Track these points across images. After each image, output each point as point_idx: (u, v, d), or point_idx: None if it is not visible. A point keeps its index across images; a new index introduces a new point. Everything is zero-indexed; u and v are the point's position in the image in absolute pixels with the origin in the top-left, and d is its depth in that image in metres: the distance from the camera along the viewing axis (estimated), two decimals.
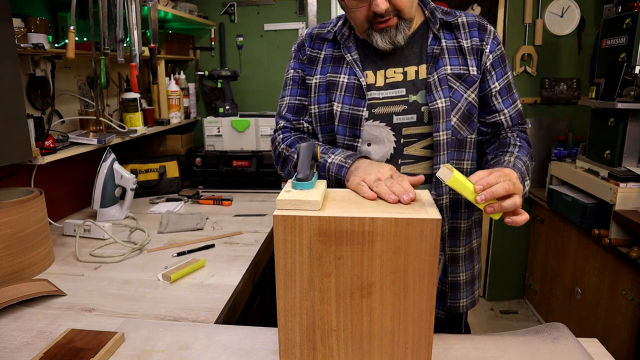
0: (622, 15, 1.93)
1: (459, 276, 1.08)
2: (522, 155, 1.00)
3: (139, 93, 1.92)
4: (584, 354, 0.83)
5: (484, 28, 1.05)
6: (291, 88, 1.14)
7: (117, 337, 0.88)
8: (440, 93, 0.99)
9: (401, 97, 1.02)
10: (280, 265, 0.69)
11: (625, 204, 1.85)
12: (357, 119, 1.03)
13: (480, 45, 1.03)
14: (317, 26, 1.14)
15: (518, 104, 1.10)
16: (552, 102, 2.64)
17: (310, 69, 1.10)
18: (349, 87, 1.04)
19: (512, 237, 2.81)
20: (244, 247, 1.50)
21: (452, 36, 1.04)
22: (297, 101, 1.13)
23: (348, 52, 1.05)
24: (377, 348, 0.71)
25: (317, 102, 1.09)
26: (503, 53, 1.06)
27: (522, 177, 0.90)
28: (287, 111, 1.14)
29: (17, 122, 1.27)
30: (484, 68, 1.04)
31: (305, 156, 0.82)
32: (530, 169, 1.02)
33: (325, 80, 1.07)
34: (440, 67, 1.01)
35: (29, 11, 1.59)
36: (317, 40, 1.11)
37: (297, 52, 1.14)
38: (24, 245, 1.25)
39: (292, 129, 1.14)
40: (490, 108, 1.07)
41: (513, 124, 1.09)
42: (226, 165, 2.36)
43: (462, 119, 1.02)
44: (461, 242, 1.08)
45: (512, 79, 1.08)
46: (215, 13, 2.67)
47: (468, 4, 2.57)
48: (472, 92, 1.03)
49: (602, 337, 1.95)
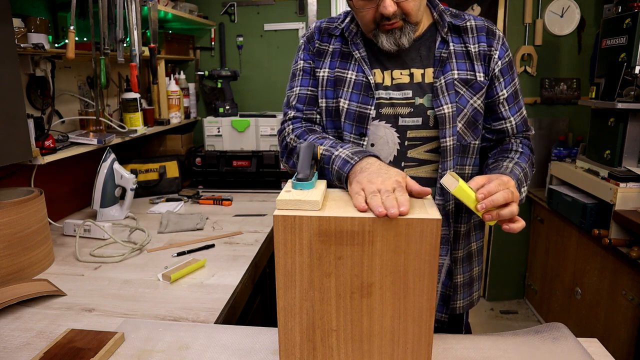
0: (622, 15, 1.93)
1: (456, 278, 1.08)
2: (522, 161, 1.00)
3: (139, 93, 1.92)
4: (584, 354, 0.83)
5: (493, 33, 1.04)
6: (302, 79, 1.11)
7: (117, 337, 0.88)
8: (447, 98, 0.99)
9: (407, 99, 1.02)
10: (280, 265, 0.69)
11: (625, 204, 1.85)
12: (364, 117, 1.02)
13: (488, 51, 1.02)
14: (325, 20, 1.13)
15: (523, 111, 1.09)
16: (552, 102, 2.64)
17: (319, 61, 1.09)
18: (357, 84, 1.03)
19: (512, 237, 2.81)
20: (244, 247, 1.50)
21: (460, 40, 1.03)
22: (309, 91, 1.10)
23: (356, 49, 1.04)
24: (377, 348, 0.71)
25: (324, 96, 1.07)
26: (511, 60, 1.06)
27: (518, 183, 0.91)
28: (298, 101, 1.10)
29: (17, 122, 1.27)
30: (492, 74, 1.03)
31: (305, 156, 0.81)
32: (530, 175, 1.02)
33: (334, 75, 1.06)
34: (448, 72, 1.00)
35: (29, 11, 1.59)
36: (325, 34, 1.10)
37: (307, 43, 1.11)
38: (24, 245, 1.25)
39: (303, 119, 1.09)
40: (497, 115, 1.07)
41: (518, 131, 1.09)
42: (226, 165, 2.36)
43: (467, 125, 1.02)
44: (460, 245, 1.08)
45: (519, 85, 1.08)
46: (215, 13, 2.67)
47: (468, 4, 2.57)
48: (478, 99, 1.02)
49: (602, 337, 1.95)
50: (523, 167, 0.99)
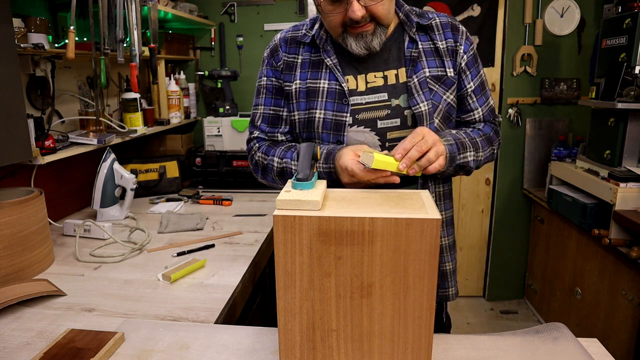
0: (622, 15, 1.93)
1: (445, 265, 1.12)
2: (471, 131, 1.06)
3: (139, 93, 1.92)
4: (584, 354, 0.83)
5: (457, 29, 1.06)
6: (265, 97, 1.13)
7: (117, 337, 0.88)
8: (422, 96, 1.01)
9: (383, 102, 1.03)
10: (280, 265, 0.69)
11: (625, 204, 1.85)
12: (340, 125, 1.03)
13: (454, 46, 1.05)
14: (290, 29, 1.12)
15: (490, 101, 1.13)
16: (552, 102, 2.64)
17: (289, 75, 1.09)
18: (330, 93, 1.04)
19: (512, 237, 2.81)
20: (244, 247, 1.50)
21: (427, 38, 1.05)
22: (271, 111, 1.13)
23: (327, 57, 1.04)
24: (377, 348, 0.71)
25: (298, 108, 1.08)
26: (476, 53, 1.09)
27: (457, 144, 0.98)
28: (262, 121, 1.14)
29: (17, 122, 1.27)
30: (459, 68, 1.06)
31: (305, 156, 0.82)
32: (482, 145, 1.06)
33: (305, 86, 1.06)
34: (419, 70, 1.02)
35: (29, 11, 1.59)
36: (292, 44, 1.10)
37: (270, 58, 1.12)
38: (24, 245, 1.25)
39: (267, 140, 1.15)
40: (465, 107, 1.10)
41: (485, 120, 1.12)
42: (226, 165, 2.36)
43: (442, 120, 1.05)
44: (444, 233, 1.12)
45: (484, 77, 1.11)
46: (215, 13, 2.67)
47: (468, 4, 2.57)
48: (450, 94, 1.05)
49: (602, 337, 1.95)
50: (470, 135, 1.04)
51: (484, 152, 1.05)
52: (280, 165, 1.08)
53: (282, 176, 1.09)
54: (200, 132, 2.69)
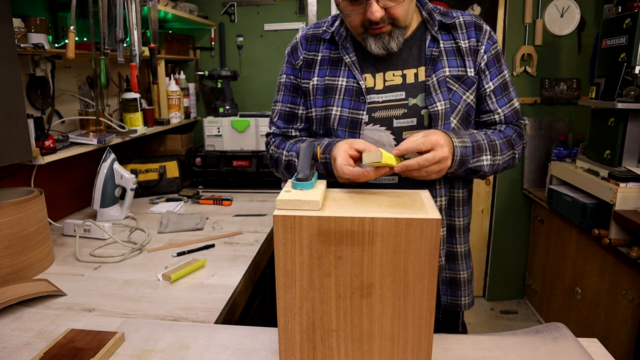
0: (622, 15, 1.93)
1: (458, 274, 1.08)
2: (492, 134, 1.02)
3: (139, 93, 1.92)
4: (584, 354, 0.83)
5: (480, 28, 1.05)
6: (283, 94, 1.15)
7: (117, 337, 0.88)
8: (439, 95, 0.99)
9: (401, 101, 1.02)
10: (280, 265, 0.69)
11: (625, 204, 1.85)
12: (356, 123, 1.03)
13: (476, 46, 1.03)
14: (311, 26, 1.13)
15: (514, 103, 1.09)
16: (552, 102, 2.64)
17: (308, 72, 1.10)
18: (348, 91, 1.04)
19: (512, 237, 2.81)
20: (244, 247, 1.50)
21: (449, 37, 1.04)
22: (287, 109, 1.14)
23: (346, 54, 1.05)
24: (377, 348, 0.71)
25: (315, 105, 1.09)
26: (499, 52, 1.06)
27: (474, 146, 0.95)
28: (279, 118, 1.16)
29: (17, 122, 1.27)
30: (479, 68, 1.04)
31: (305, 156, 0.82)
32: (500, 147, 1.01)
33: (324, 83, 1.07)
34: (439, 69, 1.01)
35: (29, 11, 1.59)
36: (313, 41, 1.10)
37: (290, 56, 1.13)
38: (24, 245, 1.25)
39: (281, 135, 1.16)
40: (484, 107, 1.07)
41: (507, 122, 1.08)
42: (226, 165, 2.36)
43: (461, 121, 1.02)
44: (459, 240, 1.09)
45: (508, 78, 1.08)
46: (215, 13, 2.67)
47: (468, 4, 2.57)
48: (470, 94, 1.03)
49: (602, 337, 1.95)
50: (490, 138, 1.00)
51: (502, 155, 1.02)
52: (287, 158, 1.09)
53: (289, 169, 1.10)
54: (200, 132, 2.69)
